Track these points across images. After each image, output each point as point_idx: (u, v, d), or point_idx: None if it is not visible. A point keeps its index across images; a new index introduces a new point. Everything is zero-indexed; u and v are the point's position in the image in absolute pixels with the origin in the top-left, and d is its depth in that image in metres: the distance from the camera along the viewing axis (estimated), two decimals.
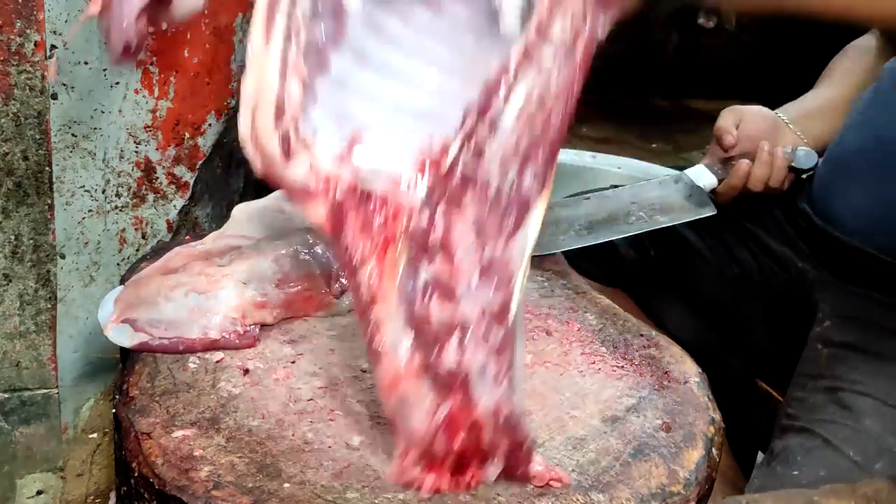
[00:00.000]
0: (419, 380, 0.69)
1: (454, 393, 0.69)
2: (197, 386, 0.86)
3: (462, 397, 0.69)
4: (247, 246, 1.01)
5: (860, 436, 1.06)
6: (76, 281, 1.24)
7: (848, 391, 1.10)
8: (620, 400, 0.89)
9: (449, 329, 0.68)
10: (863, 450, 1.05)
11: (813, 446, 1.07)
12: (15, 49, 1.09)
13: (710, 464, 0.83)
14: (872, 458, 1.04)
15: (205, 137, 1.23)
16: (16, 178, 1.16)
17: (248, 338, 0.93)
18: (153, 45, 1.14)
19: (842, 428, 1.07)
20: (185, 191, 1.25)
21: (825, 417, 1.09)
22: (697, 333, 1.32)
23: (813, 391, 1.14)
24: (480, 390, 0.69)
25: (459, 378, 0.69)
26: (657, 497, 0.77)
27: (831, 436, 1.07)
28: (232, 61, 1.21)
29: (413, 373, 0.69)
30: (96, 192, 1.20)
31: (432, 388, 0.69)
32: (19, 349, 1.25)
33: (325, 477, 0.76)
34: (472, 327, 0.69)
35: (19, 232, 1.18)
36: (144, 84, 1.16)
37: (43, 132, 1.14)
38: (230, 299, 0.94)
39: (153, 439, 0.78)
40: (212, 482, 0.74)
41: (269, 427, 0.81)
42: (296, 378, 0.89)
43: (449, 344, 0.68)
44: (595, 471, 0.78)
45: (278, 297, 0.96)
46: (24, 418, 1.30)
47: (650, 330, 1.02)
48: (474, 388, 0.69)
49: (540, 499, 0.75)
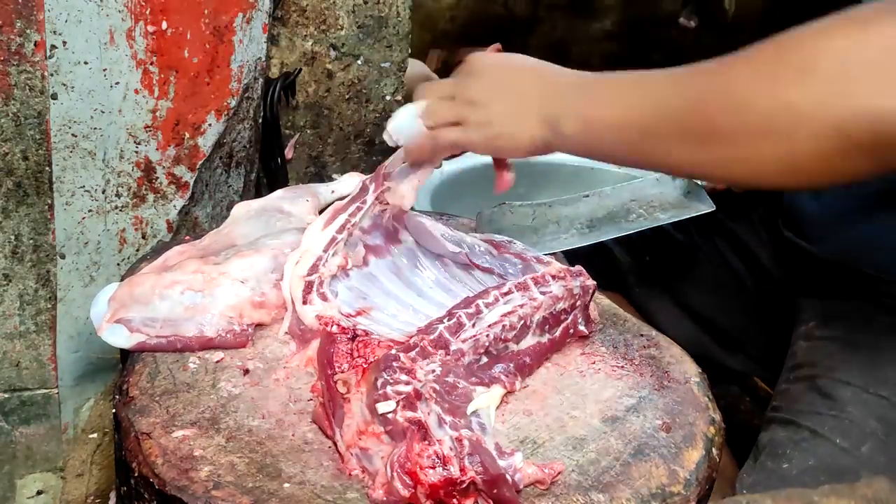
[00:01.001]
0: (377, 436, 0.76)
1: (408, 438, 0.74)
2: (197, 386, 0.86)
3: (419, 440, 0.74)
4: (245, 244, 1.01)
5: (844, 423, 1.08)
6: (76, 281, 1.24)
7: (827, 379, 1.12)
8: (620, 400, 0.89)
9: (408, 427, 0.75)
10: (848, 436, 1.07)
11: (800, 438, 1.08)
12: (15, 49, 1.09)
13: (710, 464, 0.83)
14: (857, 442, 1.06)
15: (205, 137, 1.23)
16: (16, 178, 1.16)
17: (244, 337, 0.93)
18: (153, 45, 1.14)
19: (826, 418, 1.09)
20: (185, 191, 1.25)
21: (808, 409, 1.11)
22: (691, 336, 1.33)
23: (794, 381, 1.16)
24: (438, 434, 0.73)
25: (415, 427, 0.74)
26: (657, 497, 0.77)
27: (817, 426, 1.08)
28: (232, 61, 1.21)
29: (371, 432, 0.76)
30: (96, 192, 1.20)
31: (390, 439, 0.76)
32: (19, 349, 1.25)
33: (325, 477, 0.76)
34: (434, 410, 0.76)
35: (19, 232, 1.18)
36: (144, 84, 1.16)
37: (43, 132, 1.14)
38: (227, 298, 0.94)
39: (153, 439, 0.78)
40: (212, 482, 0.74)
41: (269, 427, 0.81)
42: (296, 378, 0.89)
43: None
44: (595, 471, 0.78)
45: (276, 297, 0.96)
46: (24, 418, 1.30)
47: (650, 330, 1.02)
48: (432, 433, 0.74)
49: (540, 499, 0.75)
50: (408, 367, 0.77)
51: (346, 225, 0.97)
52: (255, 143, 1.35)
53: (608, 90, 0.86)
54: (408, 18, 1.43)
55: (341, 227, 0.97)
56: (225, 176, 1.32)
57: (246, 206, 1.10)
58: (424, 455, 0.72)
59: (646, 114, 0.81)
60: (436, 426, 0.73)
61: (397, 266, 1.01)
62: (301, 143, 1.47)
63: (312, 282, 0.93)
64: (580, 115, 0.86)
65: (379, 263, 1.00)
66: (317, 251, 0.95)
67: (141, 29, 1.13)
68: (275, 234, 1.02)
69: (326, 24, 1.39)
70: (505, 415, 0.85)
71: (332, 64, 1.42)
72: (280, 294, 0.96)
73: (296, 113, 1.44)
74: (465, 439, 0.73)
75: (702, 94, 0.77)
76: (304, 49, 1.39)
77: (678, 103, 0.78)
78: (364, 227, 1.00)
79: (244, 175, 1.35)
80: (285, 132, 1.43)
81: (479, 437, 0.74)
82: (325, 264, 0.94)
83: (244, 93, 1.25)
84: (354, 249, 0.98)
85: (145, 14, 1.12)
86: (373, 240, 1.01)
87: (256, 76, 1.28)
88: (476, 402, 0.80)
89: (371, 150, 1.50)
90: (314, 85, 1.43)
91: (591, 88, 0.88)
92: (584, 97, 0.87)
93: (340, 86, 1.44)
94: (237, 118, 1.27)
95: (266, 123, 1.36)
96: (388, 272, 1.00)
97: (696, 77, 0.79)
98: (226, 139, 1.27)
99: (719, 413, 0.90)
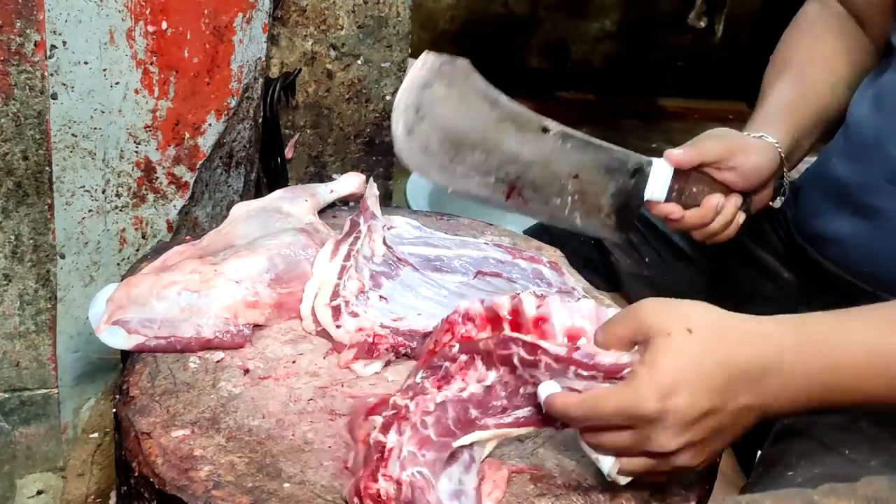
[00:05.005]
0: None
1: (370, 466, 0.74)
2: (197, 386, 0.86)
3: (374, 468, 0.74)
4: (242, 244, 1.01)
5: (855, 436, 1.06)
6: (76, 281, 1.24)
7: None
8: None
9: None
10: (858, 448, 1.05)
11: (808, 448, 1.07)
12: (15, 49, 1.09)
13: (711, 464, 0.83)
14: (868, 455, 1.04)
15: (205, 137, 1.23)
16: (16, 178, 1.16)
17: (241, 337, 0.93)
18: (153, 45, 1.14)
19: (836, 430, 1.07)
20: (185, 191, 1.25)
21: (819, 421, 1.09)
22: None
23: None
24: (392, 468, 0.72)
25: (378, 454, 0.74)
26: (657, 497, 0.77)
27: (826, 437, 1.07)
28: (232, 61, 1.21)
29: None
30: (96, 192, 1.20)
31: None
32: (19, 349, 1.25)
33: (325, 477, 0.76)
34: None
35: (19, 232, 1.18)
36: (144, 84, 1.16)
37: (43, 132, 1.14)
38: (222, 298, 0.94)
39: (153, 439, 0.78)
40: (212, 482, 0.74)
41: (269, 427, 0.81)
42: (296, 378, 0.89)
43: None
44: (595, 471, 0.78)
45: (270, 297, 0.96)
46: (24, 418, 1.30)
47: None
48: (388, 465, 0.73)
49: (540, 499, 0.75)
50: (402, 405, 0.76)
51: (351, 253, 1.01)
52: (255, 143, 1.35)
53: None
54: (408, 18, 1.43)
55: (347, 256, 1.01)
56: (225, 176, 1.32)
57: (245, 207, 1.10)
58: (371, 486, 0.71)
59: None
60: (394, 458, 0.72)
61: (407, 284, 1.04)
62: (301, 143, 1.47)
63: (339, 305, 0.96)
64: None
65: (391, 284, 1.03)
66: (332, 280, 0.98)
67: (141, 29, 1.13)
68: (273, 234, 1.02)
69: (326, 24, 1.39)
70: None
71: (332, 64, 1.42)
72: (272, 293, 0.96)
73: (296, 113, 1.44)
74: (407, 484, 0.71)
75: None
76: (304, 49, 1.39)
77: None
78: (366, 255, 1.04)
79: (244, 175, 1.35)
80: (285, 132, 1.43)
81: (423, 486, 0.72)
82: (343, 289, 0.97)
83: (244, 93, 1.25)
84: (363, 274, 1.01)
85: (145, 14, 1.12)
86: (376, 266, 1.04)
87: (256, 76, 1.28)
88: (468, 438, 0.76)
89: (371, 150, 1.50)
90: (314, 85, 1.43)
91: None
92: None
93: (340, 86, 1.44)
94: (237, 118, 1.27)
95: (266, 123, 1.36)
96: (401, 290, 1.02)
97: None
98: (226, 139, 1.27)
99: None
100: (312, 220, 1.10)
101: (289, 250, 0.99)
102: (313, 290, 0.98)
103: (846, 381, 0.76)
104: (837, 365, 0.76)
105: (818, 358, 0.76)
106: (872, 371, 0.76)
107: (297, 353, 0.93)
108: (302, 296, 0.98)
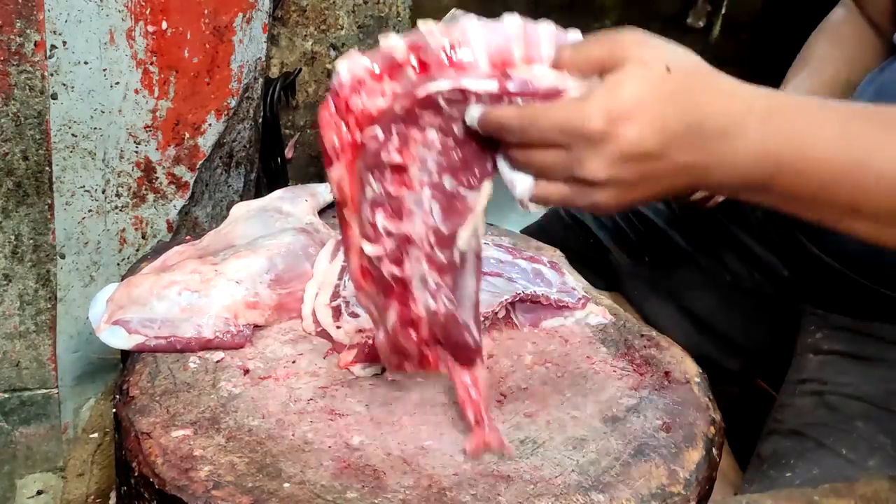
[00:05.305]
0: (368, 281, 0.78)
1: (394, 296, 0.76)
2: (197, 386, 0.86)
3: (402, 300, 0.76)
4: (242, 244, 1.01)
5: (851, 436, 1.06)
6: (76, 281, 1.24)
7: (836, 394, 1.11)
8: (621, 400, 0.89)
9: (395, 240, 0.74)
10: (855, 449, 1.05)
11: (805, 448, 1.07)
12: (15, 49, 1.09)
13: (711, 464, 0.83)
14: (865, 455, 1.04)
15: (205, 137, 1.23)
16: (16, 178, 1.16)
17: (241, 337, 0.93)
18: (153, 45, 1.14)
19: (833, 430, 1.07)
20: (185, 191, 1.25)
21: (815, 421, 1.09)
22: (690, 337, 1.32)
23: (800, 395, 1.15)
24: (419, 295, 0.75)
25: (400, 284, 0.75)
26: (657, 497, 0.77)
27: (823, 438, 1.07)
28: (232, 61, 1.21)
29: (362, 275, 0.78)
30: (96, 192, 1.20)
31: (378, 289, 0.77)
32: (19, 349, 1.25)
33: (325, 477, 0.76)
34: (417, 243, 0.74)
35: (19, 232, 1.18)
36: (144, 84, 1.16)
37: (43, 132, 1.14)
38: (222, 298, 0.94)
39: (153, 439, 0.78)
40: (212, 482, 0.74)
41: (269, 427, 0.81)
42: (296, 378, 0.89)
43: (392, 254, 0.75)
44: (595, 471, 0.78)
45: (270, 298, 0.96)
46: (24, 418, 1.30)
47: (650, 330, 1.02)
48: (414, 292, 0.75)
49: (540, 499, 0.75)
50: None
51: None
52: (255, 143, 1.35)
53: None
54: (408, 18, 1.43)
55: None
56: (225, 176, 1.32)
57: (245, 206, 1.10)
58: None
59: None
60: (419, 285, 0.74)
61: None
62: (301, 143, 1.47)
63: (339, 306, 0.96)
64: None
65: None
66: (332, 280, 0.99)
67: (141, 29, 1.13)
68: (274, 234, 1.02)
69: (326, 24, 1.39)
70: (505, 415, 0.85)
71: (332, 64, 1.42)
72: (272, 294, 0.96)
73: (296, 113, 1.44)
74: (440, 314, 0.74)
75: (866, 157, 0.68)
76: (304, 49, 1.39)
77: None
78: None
79: (244, 175, 1.35)
80: (285, 132, 1.43)
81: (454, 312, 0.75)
82: (344, 289, 0.98)
83: (244, 93, 1.25)
84: None
85: (145, 14, 1.12)
86: None
87: (256, 76, 1.28)
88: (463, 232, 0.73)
89: None
90: (314, 85, 1.43)
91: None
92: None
93: None
94: (237, 118, 1.27)
95: (266, 123, 1.36)
96: None
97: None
98: (226, 139, 1.27)
99: (719, 413, 0.89)
100: (312, 220, 1.10)
101: (289, 250, 0.99)
102: (313, 290, 0.99)
103: (799, 164, 0.68)
104: (799, 146, 0.68)
105: (783, 133, 0.68)
106: (830, 166, 0.68)
107: (297, 353, 0.93)
108: (302, 296, 0.98)
